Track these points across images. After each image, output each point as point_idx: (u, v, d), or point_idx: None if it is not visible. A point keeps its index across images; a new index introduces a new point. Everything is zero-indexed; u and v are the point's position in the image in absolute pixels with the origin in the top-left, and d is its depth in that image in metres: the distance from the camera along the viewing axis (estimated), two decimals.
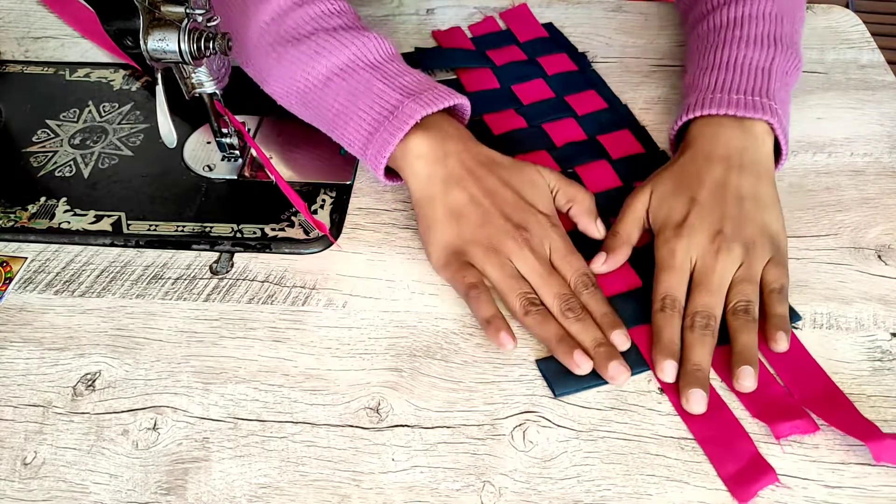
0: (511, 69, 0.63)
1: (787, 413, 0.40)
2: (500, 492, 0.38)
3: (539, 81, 0.62)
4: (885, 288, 0.47)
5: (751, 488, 0.38)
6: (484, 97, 0.60)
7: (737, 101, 0.49)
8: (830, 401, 0.41)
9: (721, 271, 0.44)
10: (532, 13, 0.70)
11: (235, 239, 0.50)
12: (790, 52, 0.53)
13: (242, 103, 0.57)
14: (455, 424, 0.41)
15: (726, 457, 0.39)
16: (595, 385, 0.42)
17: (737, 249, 0.45)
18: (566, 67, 0.64)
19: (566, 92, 0.61)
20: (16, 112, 0.60)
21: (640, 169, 0.53)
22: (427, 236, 0.48)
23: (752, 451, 0.39)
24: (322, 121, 0.52)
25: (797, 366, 0.43)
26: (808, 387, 0.42)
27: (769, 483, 0.38)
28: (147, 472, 0.39)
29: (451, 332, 0.45)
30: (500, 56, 0.65)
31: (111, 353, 0.45)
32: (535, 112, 0.59)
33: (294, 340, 0.45)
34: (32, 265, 0.50)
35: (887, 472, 0.38)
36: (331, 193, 0.54)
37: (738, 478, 0.38)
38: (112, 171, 0.55)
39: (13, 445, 0.41)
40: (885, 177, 0.54)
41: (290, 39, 0.51)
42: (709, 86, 0.51)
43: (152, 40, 0.45)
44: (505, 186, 0.47)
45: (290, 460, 0.40)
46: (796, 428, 0.40)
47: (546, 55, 0.65)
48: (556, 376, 0.43)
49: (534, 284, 0.45)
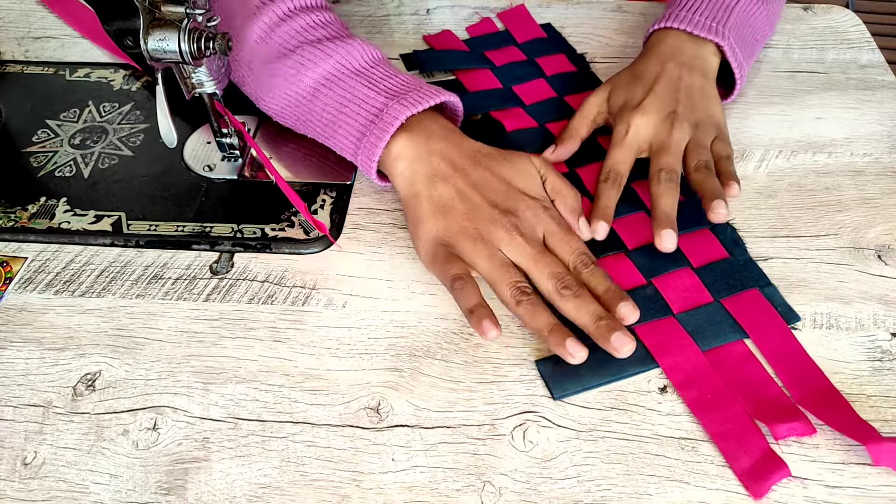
0: (511, 69, 0.63)
1: (785, 414, 0.40)
2: (500, 492, 0.38)
3: (540, 81, 0.62)
4: (885, 288, 0.47)
5: (765, 483, 0.38)
6: (488, 96, 0.61)
7: (696, 22, 0.56)
8: (828, 402, 0.41)
9: (677, 140, 0.51)
10: (530, 13, 0.70)
11: (235, 239, 0.50)
12: (769, 7, 0.60)
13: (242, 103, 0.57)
14: (455, 424, 0.41)
15: (739, 452, 0.39)
16: (595, 386, 0.42)
17: (687, 126, 0.52)
18: (565, 68, 0.64)
19: (566, 92, 0.61)
20: (16, 112, 0.60)
21: (640, 171, 0.53)
22: (415, 233, 0.48)
23: (764, 446, 0.39)
24: (316, 132, 0.52)
25: (796, 366, 0.43)
26: (807, 388, 0.42)
27: (783, 477, 0.38)
28: (147, 472, 0.39)
29: (451, 332, 0.45)
30: (499, 57, 0.65)
31: (111, 353, 0.45)
32: (539, 112, 0.60)
33: (294, 340, 0.45)
34: (32, 265, 0.50)
35: (887, 472, 0.38)
36: (331, 193, 0.54)
37: (752, 473, 0.38)
38: (112, 171, 0.55)
39: (13, 445, 0.41)
40: (885, 177, 0.54)
41: (277, 55, 0.52)
42: (682, 4, 0.58)
43: (152, 40, 0.45)
44: (493, 176, 0.47)
45: (290, 460, 0.40)
46: (794, 430, 0.40)
47: (545, 56, 0.65)
48: (554, 378, 0.42)
49: (526, 269, 0.44)
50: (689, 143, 0.51)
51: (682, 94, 0.53)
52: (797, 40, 0.67)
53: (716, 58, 0.56)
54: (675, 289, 0.46)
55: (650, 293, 0.46)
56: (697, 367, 0.43)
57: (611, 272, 0.46)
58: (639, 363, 0.43)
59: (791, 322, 0.45)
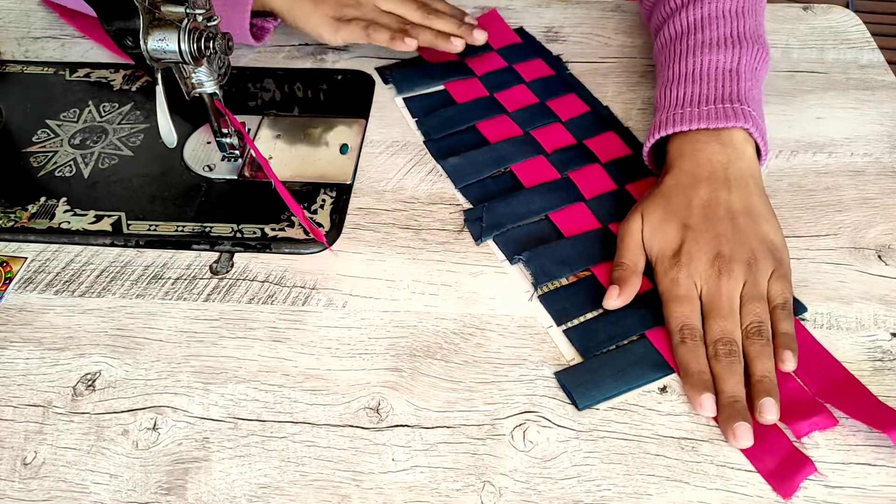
0: (492, 77, 0.63)
1: (805, 410, 0.40)
2: (500, 492, 0.38)
3: (521, 87, 0.62)
4: (885, 288, 0.47)
5: (793, 482, 0.38)
6: (475, 106, 0.60)
7: (707, 113, 0.48)
8: (847, 391, 0.41)
9: (728, 293, 0.43)
10: (502, 18, 0.69)
11: (235, 239, 0.50)
12: (756, 47, 0.52)
13: (242, 103, 0.57)
14: (455, 424, 0.41)
15: (764, 453, 0.39)
16: (617, 394, 0.42)
17: (738, 269, 0.44)
18: (543, 72, 0.63)
19: (547, 97, 0.61)
20: (16, 112, 0.60)
21: (630, 171, 0.53)
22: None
23: (787, 444, 0.39)
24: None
25: (810, 358, 0.43)
26: (824, 379, 0.42)
27: (809, 474, 0.38)
28: (147, 472, 0.39)
29: (451, 332, 0.45)
30: (480, 65, 0.64)
31: (111, 353, 0.45)
32: (523, 118, 0.59)
33: (294, 340, 0.45)
34: (32, 265, 0.50)
35: (887, 472, 0.38)
36: (331, 193, 0.54)
37: (778, 473, 0.38)
38: (112, 171, 0.55)
39: (13, 445, 0.41)
40: (885, 177, 0.54)
41: None
42: (677, 100, 0.50)
43: (152, 40, 0.45)
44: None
45: (290, 460, 0.40)
46: (815, 425, 0.40)
47: (522, 62, 0.64)
48: (577, 388, 0.42)
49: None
50: (742, 290, 0.44)
51: (723, 226, 0.45)
52: (797, 40, 0.67)
53: (749, 145, 0.48)
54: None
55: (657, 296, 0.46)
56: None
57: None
58: (656, 369, 0.43)
59: (798, 314, 0.45)
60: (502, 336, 0.45)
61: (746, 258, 0.44)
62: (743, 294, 0.44)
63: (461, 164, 0.55)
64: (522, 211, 0.51)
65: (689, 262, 0.44)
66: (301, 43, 0.67)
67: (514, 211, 0.51)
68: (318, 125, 0.59)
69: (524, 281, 0.48)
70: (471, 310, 0.46)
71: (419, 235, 0.51)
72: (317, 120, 0.60)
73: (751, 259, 0.44)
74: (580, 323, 0.45)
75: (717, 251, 0.44)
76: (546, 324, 0.45)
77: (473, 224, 0.51)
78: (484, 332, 0.45)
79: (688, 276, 0.44)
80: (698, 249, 0.45)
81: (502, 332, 0.45)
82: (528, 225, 0.51)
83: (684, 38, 0.53)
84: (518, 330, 0.45)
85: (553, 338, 0.45)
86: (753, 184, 0.47)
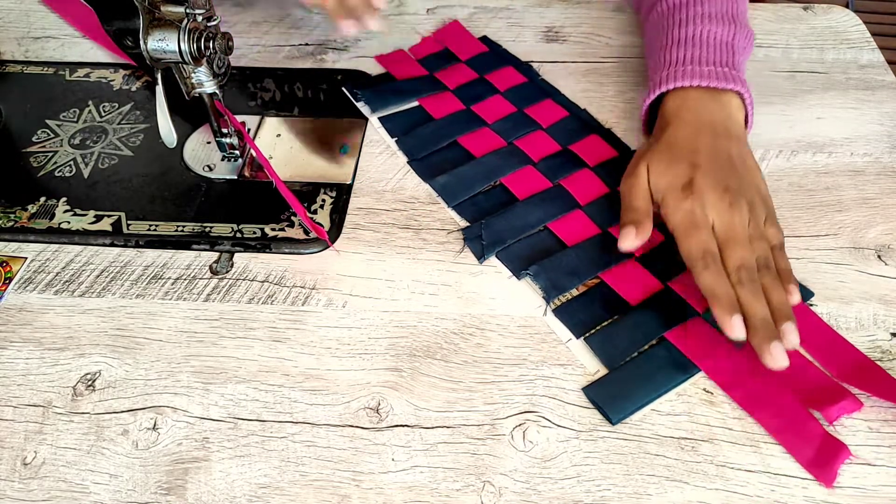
0: (466, 90, 0.61)
1: (832, 395, 0.40)
2: (500, 492, 0.38)
3: (497, 98, 0.60)
4: (885, 288, 0.47)
5: (832, 469, 0.38)
6: (453, 121, 0.59)
7: (709, 73, 0.50)
8: (865, 371, 0.41)
9: (740, 223, 0.45)
10: (465, 28, 0.68)
11: (235, 239, 0.50)
12: (746, 29, 0.55)
13: (242, 103, 0.57)
14: (455, 424, 0.41)
15: (800, 443, 0.39)
16: (648, 402, 0.41)
17: (744, 205, 0.45)
18: (516, 80, 0.62)
19: (524, 105, 0.60)
20: (16, 112, 0.60)
21: (619, 173, 0.53)
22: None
23: (820, 431, 0.39)
24: None
25: (825, 342, 0.43)
26: (842, 361, 0.42)
27: (845, 458, 0.38)
28: (147, 472, 0.39)
29: (451, 332, 0.45)
30: (451, 77, 0.62)
31: (111, 353, 0.45)
32: (504, 129, 0.58)
33: (294, 340, 0.45)
34: (32, 265, 0.50)
35: (887, 472, 0.38)
36: (331, 193, 0.54)
37: (817, 461, 0.38)
38: (112, 171, 0.55)
39: (13, 445, 0.41)
40: (885, 177, 0.54)
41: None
42: (678, 60, 0.52)
43: (152, 40, 0.45)
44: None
45: (290, 460, 0.40)
46: (843, 409, 0.40)
47: (493, 71, 0.63)
48: (609, 403, 0.41)
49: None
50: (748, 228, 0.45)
51: (727, 169, 0.47)
52: (797, 40, 0.67)
53: (740, 112, 0.51)
54: (696, 287, 0.46)
55: (675, 297, 0.46)
56: (738, 364, 0.42)
57: (626, 277, 0.46)
58: (682, 370, 0.43)
59: (806, 299, 0.45)
60: (502, 336, 0.45)
61: (749, 199, 0.46)
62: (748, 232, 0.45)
63: (451, 181, 0.54)
64: (521, 224, 0.51)
65: (701, 193, 0.46)
66: (301, 43, 0.68)
67: (512, 225, 0.50)
68: (318, 125, 0.59)
69: (525, 282, 0.48)
70: (471, 310, 0.46)
71: (419, 235, 0.51)
72: (317, 120, 0.60)
73: (751, 201, 0.46)
74: (598, 331, 0.45)
75: (726, 185, 0.46)
76: (565, 338, 0.45)
77: (473, 242, 0.50)
78: (484, 331, 0.45)
79: (701, 206, 0.45)
80: (708, 182, 0.46)
81: (502, 332, 0.45)
82: (528, 238, 0.50)
83: (683, 9, 0.55)
84: (518, 330, 0.45)
85: (574, 351, 0.44)
86: (745, 142, 0.50)
